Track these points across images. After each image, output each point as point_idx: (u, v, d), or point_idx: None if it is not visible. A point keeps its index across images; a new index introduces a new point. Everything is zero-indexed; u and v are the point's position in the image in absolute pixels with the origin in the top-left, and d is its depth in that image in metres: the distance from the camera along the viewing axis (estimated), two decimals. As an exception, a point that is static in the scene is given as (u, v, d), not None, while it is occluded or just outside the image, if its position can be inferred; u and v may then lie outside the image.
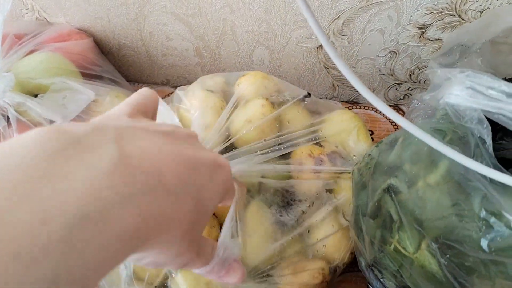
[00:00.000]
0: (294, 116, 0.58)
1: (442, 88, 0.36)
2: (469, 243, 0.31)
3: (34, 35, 0.69)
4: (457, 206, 0.32)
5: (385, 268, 0.43)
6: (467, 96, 0.33)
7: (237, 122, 0.55)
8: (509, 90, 0.32)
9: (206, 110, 0.55)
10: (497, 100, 0.33)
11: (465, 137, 0.36)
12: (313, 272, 0.51)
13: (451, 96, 0.34)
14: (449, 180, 0.33)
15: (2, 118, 0.56)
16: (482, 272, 0.33)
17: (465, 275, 0.34)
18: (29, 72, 0.62)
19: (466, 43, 0.41)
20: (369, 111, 0.81)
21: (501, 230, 0.30)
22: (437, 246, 0.33)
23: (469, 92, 0.33)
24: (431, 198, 0.34)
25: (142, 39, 0.78)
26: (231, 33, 0.72)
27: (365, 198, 0.46)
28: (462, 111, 0.34)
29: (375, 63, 0.73)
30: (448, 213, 0.33)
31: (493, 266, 0.32)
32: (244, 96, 0.58)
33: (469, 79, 0.33)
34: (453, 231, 0.32)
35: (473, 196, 0.31)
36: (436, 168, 0.35)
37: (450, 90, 0.34)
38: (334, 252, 0.53)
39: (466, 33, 0.42)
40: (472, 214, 0.31)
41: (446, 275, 0.33)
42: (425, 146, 0.37)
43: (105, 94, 0.64)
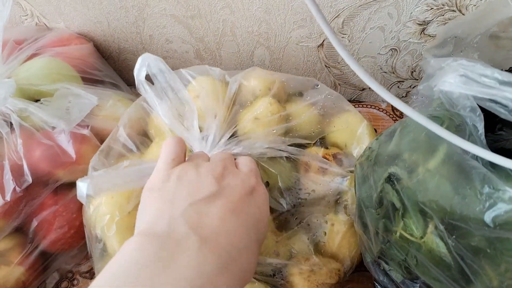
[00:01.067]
0: (301, 115, 0.61)
1: (436, 77, 0.38)
2: (473, 220, 0.34)
3: (34, 40, 0.72)
4: (458, 186, 0.34)
5: (391, 259, 0.45)
6: (461, 84, 0.35)
7: (246, 119, 0.57)
8: (502, 77, 0.35)
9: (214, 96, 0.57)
10: (490, 87, 0.35)
11: (461, 125, 0.38)
12: (329, 272, 0.53)
13: (445, 83, 0.37)
14: (448, 163, 0.36)
15: (5, 124, 0.59)
16: (488, 251, 0.35)
17: (472, 255, 0.36)
18: (30, 78, 0.65)
19: (460, 35, 0.43)
20: (371, 109, 0.83)
21: (504, 204, 0.32)
22: (444, 227, 0.35)
23: (462, 80, 0.35)
24: (432, 181, 0.36)
25: (142, 42, 0.81)
26: (231, 34, 0.75)
27: (367, 191, 0.48)
28: (456, 99, 0.36)
29: (376, 61, 0.76)
30: (450, 194, 0.35)
31: (499, 244, 0.34)
32: (251, 90, 0.61)
33: (462, 67, 0.36)
34: (457, 210, 0.34)
35: (474, 174, 0.34)
36: (435, 153, 0.37)
37: (444, 78, 0.37)
38: (346, 251, 0.55)
39: (460, 25, 0.44)
40: (474, 192, 0.34)
41: (454, 257, 0.36)
42: (423, 133, 0.39)
43: (107, 98, 0.66)
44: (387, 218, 0.44)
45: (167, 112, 0.55)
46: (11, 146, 0.57)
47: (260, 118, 0.57)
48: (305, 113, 0.62)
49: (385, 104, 0.84)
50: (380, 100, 0.85)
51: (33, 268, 0.60)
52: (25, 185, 0.56)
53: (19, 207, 0.56)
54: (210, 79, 0.62)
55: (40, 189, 0.58)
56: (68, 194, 0.61)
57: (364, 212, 0.48)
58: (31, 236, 0.59)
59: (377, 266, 0.50)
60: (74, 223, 0.61)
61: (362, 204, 0.49)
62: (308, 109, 0.62)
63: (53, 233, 0.60)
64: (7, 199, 0.55)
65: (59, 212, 0.60)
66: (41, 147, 0.58)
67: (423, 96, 0.49)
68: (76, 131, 0.59)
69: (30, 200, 0.57)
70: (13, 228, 0.57)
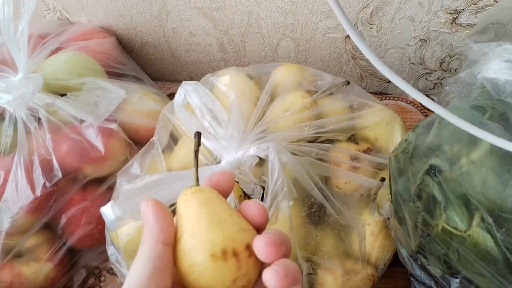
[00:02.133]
0: (332, 110, 0.61)
1: (479, 63, 0.38)
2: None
3: (57, 34, 0.73)
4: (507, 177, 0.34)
5: (431, 253, 0.44)
6: (506, 70, 0.35)
7: (275, 111, 0.57)
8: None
9: (244, 97, 0.57)
10: (538, 74, 0.34)
11: (505, 114, 0.38)
12: (364, 278, 0.53)
13: (489, 70, 0.36)
14: (494, 154, 0.35)
15: (33, 119, 0.59)
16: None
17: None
18: (55, 72, 0.65)
19: (502, 20, 0.43)
20: (399, 101, 0.82)
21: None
22: (492, 220, 0.35)
23: (508, 65, 0.35)
24: (478, 173, 0.36)
25: (165, 35, 0.81)
26: (256, 25, 0.75)
27: (405, 184, 0.48)
28: (502, 85, 0.36)
29: (405, 52, 0.75)
30: (500, 186, 0.34)
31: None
32: (281, 84, 0.61)
33: (507, 52, 0.35)
34: (508, 203, 0.34)
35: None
36: (478, 144, 0.37)
37: (488, 65, 0.36)
38: (380, 254, 0.55)
39: (502, 11, 0.43)
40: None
41: (502, 251, 0.35)
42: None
43: (134, 92, 0.66)
44: (427, 211, 0.43)
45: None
46: (39, 141, 0.57)
47: (291, 110, 0.57)
48: (335, 109, 0.61)
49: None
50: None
51: (62, 265, 0.61)
52: (55, 180, 0.56)
53: (49, 202, 0.57)
54: (238, 76, 0.62)
55: (68, 185, 0.59)
56: (96, 190, 0.61)
57: (401, 205, 0.48)
58: (59, 232, 0.60)
59: (414, 261, 0.49)
60: (101, 219, 0.60)
61: (398, 197, 0.48)
62: (339, 105, 0.62)
63: (81, 229, 0.60)
64: (37, 194, 0.55)
65: (87, 208, 0.60)
66: (69, 142, 0.58)
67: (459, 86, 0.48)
68: (104, 125, 0.59)
69: (59, 196, 0.58)
70: (42, 224, 0.58)
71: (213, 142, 0.54)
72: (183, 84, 0.56)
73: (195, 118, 0.56)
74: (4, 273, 0.55)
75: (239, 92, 0.59)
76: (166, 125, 0.60)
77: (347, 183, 0.56)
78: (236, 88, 0.59)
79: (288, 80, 0.63)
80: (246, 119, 0.57)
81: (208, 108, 0.56)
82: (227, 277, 0.29)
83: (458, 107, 0.41)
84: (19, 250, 0.58)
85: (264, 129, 0.57)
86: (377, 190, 0.56)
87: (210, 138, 0.54)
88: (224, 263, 0.29)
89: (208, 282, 0.29)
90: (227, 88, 0.60)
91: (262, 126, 0.57)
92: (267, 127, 0.58)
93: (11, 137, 0.59)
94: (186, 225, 0.31)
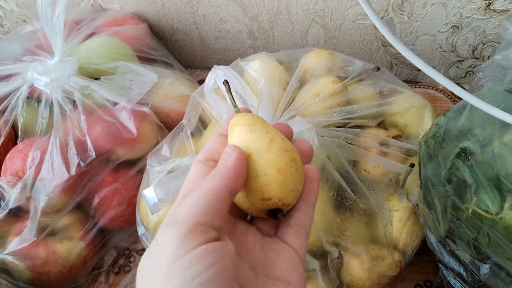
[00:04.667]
0: (361, 96, 0.60)
1: (516, 45, 0.37)
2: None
3: (91, 20, 0.74)
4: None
5: (460, 238, 0.44)
6: (545, 52, 0.34)
7: (305, 95, 0.57)
8: None
9: (273, 83, 0.58)
10: None
11: (541, 97, 0.37)
12: (391, 264, 0.53)
13: (527, 52, 0.36)
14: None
15: (68, 101, 0.61)
16: None
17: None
18: (90, 56, 0.67)
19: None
20: (429, 90, 0.81)
21: None
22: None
23: (546, 48, 0.34)
24: (510, 155, 0.36)
25: (196, 22, 0.82)
26: (286, 12, 0.75)
27: (434, 169, 0.47)
28: (539, 68, 0.35)
29: (436, 39, 0.74)
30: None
31: None
32: (311, 69, 0.61)
33: (546, 35, 0.35)
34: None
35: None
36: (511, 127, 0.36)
37: (526, 46, 0.36)
38: (408, 240, 0.55)
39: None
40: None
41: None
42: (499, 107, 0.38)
43: (165, 77, 0.67)
44: (457, 195, 0.43)
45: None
46: (74, 123, 0.59)
47: (321, 96, 0.57)
48: (365, 95, 0.61)
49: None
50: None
51: (93, 244, 0.62)
52: (89, 160, 0.58)
53: (83, 182, 0.58)
54: (268, 61, 0.62)
55: (101, 166, 0.60)
56: (127, 172, 0.62)
57: (431, 190, 0.47)
58: (92, 212, 0.61)
59: (443, 246, 0.49)
60: (132, 200, 0.62)
61: (428, 182, 0.48)
62: (368, 91, 0.62)
63: (112, 210, 0.62)
64: (72, 173, 0.57)
65: (118, 190, 0.62)
66: (103, 124, 0.59)
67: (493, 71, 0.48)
68: (136, 108, 0.60)
69: (92, 176, 0.59)
70: (76, 204, 0.59)
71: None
72: (214, 69, 0.57)
73: (225, 102, 0.57)
74: (39, 249, 0.57)
75: (269, 77, 0.59)
76: (196, 109, 0.61)
77: (375, 167, 0.56)
78: (266, 74, 0.60)
79: (318, 65, 0.63)
80: (276, 104, 0.58)
81: (238, 93, 0.57)
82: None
83: (492, 90, 0.41)
84: (53, 228, 0.59)
85: (294, 114, 0.58)
86: (406, 176, 0.55)
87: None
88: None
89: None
90: (257, 74, 0.60)
91: (292, 111, 0.58)
92: (296, 113, 0.58)
93: (47, 119, 0.61)
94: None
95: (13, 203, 0.57)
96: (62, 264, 0.59)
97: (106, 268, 0.66)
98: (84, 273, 0.63)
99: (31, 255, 0.57)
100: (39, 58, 0.66)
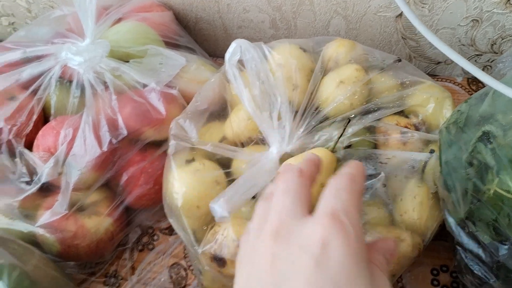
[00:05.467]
0: (383, 86, 0.62)
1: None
2: None
3: (119, 5, 0.76)
4: None
5: (480, 219, 0.45)
6: None
7: (329, 83, 0.59)
8: None
9: (296, 69, 0.59)
10: None
11: None
12: (411, 246, 0.54)
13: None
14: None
15: (100, 82, 0.63)
16: None
17: None
18: (119, 40, 0.69)
19: None
20: (446, 83, 0.83)
21: None
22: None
23: None
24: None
25: (220, 11, 0.83)
26: (309, 3, 0.76)
27: (455, 153, 0.49)
28: None
29: (455, 33, 0.76)
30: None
31: None
32: (333, 58, 0.62)
33: None
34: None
35: None
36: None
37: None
38: (428, 223, 0.56)
39: None
40: None
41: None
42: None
43: (191, 61, 0.70)
44: (479, 177, 0.45)
45: (250, 101, 0.56)
46: (105, 102, 0.61)
47: (345, 82, 0.59)
48: (386, 85, 0.63)
49: (461, 78, 0.84)
50: (456, 74, 0.85)
51: (120, 221, 0.64)
52: (120, 137, 0.60)
53: (113, 159, 0.61)
54: (291, 48, 0.64)
55: (130, 145, 0.62)
56: (154, 153, 0.65)
57: (451, 174, 0.49)
58: (120, 189, 0.63)
59: (462, 229, 0.50)
60: (158, 180, 0.64)
61: (449, 166, 0.50)
62: (390, 82, 0.63)
63: (139, 188, 0.64)
64: (104, 149, 0.59)
65: (145, 169, 0.64)
66: (133, 104, 0.62)
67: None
68: (165, 90, 0.62)
69: (122, 155, 0.61)
70: (105, 180, 0.62)
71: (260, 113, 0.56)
72: (237, 41, 0.56)
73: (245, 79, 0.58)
74: (69, 223, 0.59)
75: (291, 63, 0.61)
76: (221, 92, 0.63)
77: (394, 157, 0.58)
78: (289, 60, 0.61)
79: (341, 54, 0.64)
80: (302, 91, 0.59)
81: (260, 76, 0.58)
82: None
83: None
84: (82, 204, 0.61)
85: (317, 102, 0.59)
86: (426, 162, 0.57)
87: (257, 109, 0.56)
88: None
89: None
90: (279, 59, 0.62)
91: (315, 99, 0.59)
92: (320, 100, 0.59)
93: (78, 98, 0.64)
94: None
95: (45, 177, 0.59)
96: (91, 238, 0.61)
97: (131, 245, 0.68)
98: (110, 248, 0.65)
99: (61, 228, 0.59)
100: (70, 41, 0.68)
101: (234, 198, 0.48)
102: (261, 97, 0.57)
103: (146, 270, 0.66)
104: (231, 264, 0.51)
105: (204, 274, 0.57)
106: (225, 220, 0.49)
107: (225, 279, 0.54)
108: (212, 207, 0.47)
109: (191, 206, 0.54)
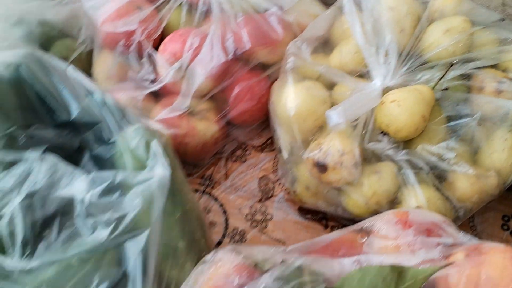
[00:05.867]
0: (485, 38, 0.66)
1: None
2: None
3: None
4: None
5: None
6: None
7: (435, 30, 0.63)
8: None
9: (406, 14, 0.64)
10: None
11: None
12: (493, 184, 0.59)
13: None
14: None
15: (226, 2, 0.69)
16: None
17: None
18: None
19: None
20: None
21: None
22: None
23: None
24: None
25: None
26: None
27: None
28: None
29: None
30: None
31: None
32: (439, 10, 0.66)
33: None
34: None
35: None
36: None
37: None
38: (510, 168, 0.60)
39: None
40: None
41: None
42: None
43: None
44: None
45: (361, 35, 0.62)
46: (231, 19, 0.67)
47: (451, 31, 0.63)
48: (488, 40, 0.66)
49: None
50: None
51: (223, 130, 0.72)
52: (242, 50, 0.67)
53: (233, 69, 0.68)
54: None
55: (244, 62, 0.69)
56: (262, 73, 0.71)
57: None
58: (230, 100, 0.71)
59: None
60: (262, 99, 0.71)
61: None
62: (491, 36, 0.66)
63: (244, 103, 0.70)
64: (229, 58, 0.66)
65: (252, 87, 0.70)
66: (255, 23, 0.68)
67: None
68: (283, 17, 0.68)
69: (240, 68, 0.68)
70: (219, 90, 0.69)
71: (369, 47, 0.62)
72: None
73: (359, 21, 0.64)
74: (183, 122, 0.67)
75: (402, 8, 0.65)
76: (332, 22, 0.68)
77: (489, 103, 0.62)
78: (399, 4, 0.66)
79: (448, 7, 0.68)
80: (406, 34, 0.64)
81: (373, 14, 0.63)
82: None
83: None
84: (193, 109, 0.69)
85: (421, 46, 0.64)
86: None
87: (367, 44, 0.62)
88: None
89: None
90: (392, 2, 0.66)
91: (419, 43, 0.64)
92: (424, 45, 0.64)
93: (204, 14, 0.70)
94: None
95: (169, 78, 0.66)
96: (199, 139, 0.68)
97: (226, 155, 0.76)
98: (211, 153, 0.73)
99: (176, 125, 0.66)
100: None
101: (348, 111, 0.55)
102: (372, 33, 0.63)
103: (238, 178, 0.74)
104: (331, 171, 0.57)
105: (299, 181, 0.63)
106: (339, 127, 0.55)
107: (320, 186, 0.61)
108: (330, 114, 0.54)
109: (300, 117, 0.60)
